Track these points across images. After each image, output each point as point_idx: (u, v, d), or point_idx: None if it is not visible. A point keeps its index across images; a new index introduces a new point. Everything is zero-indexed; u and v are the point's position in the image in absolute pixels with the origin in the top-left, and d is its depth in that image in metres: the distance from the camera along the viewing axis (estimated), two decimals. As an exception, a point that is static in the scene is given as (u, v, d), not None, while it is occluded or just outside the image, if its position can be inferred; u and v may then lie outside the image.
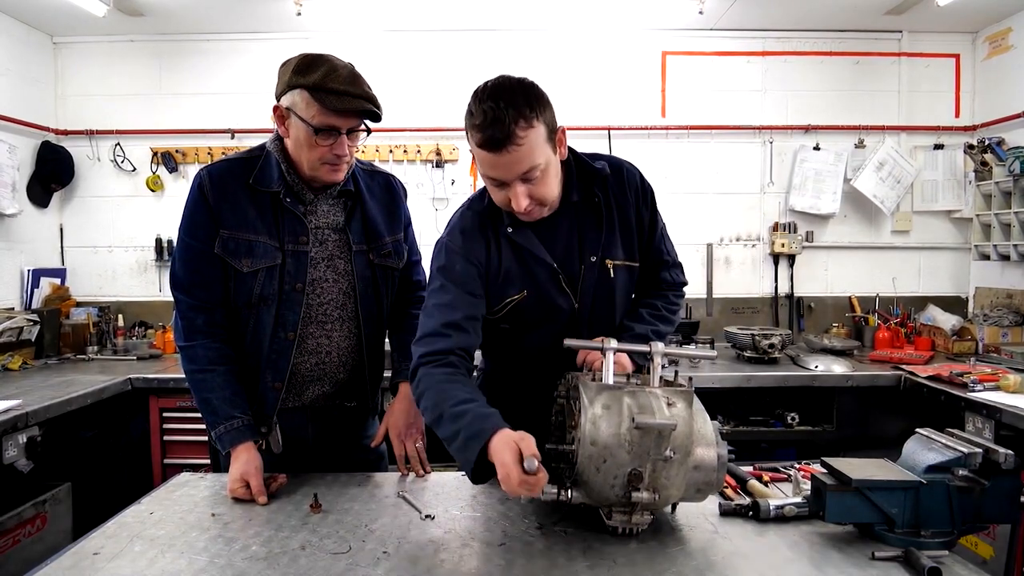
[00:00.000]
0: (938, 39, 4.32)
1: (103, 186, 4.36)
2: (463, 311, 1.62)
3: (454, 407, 1.42)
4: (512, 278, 1.68)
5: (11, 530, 2.56)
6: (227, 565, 1.32)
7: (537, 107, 1.49)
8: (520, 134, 1.46)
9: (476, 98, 1.50)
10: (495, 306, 1.70)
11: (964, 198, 4.30)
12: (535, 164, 1.51)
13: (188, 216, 1.80)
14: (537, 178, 1.53)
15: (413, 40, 4.29)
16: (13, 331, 3.61)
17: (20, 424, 2.61)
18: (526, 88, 1.51)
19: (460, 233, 1.69)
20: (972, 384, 2.94)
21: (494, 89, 1.49)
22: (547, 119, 1.52)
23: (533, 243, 1.66)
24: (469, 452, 1.35)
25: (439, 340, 1.58)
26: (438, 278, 1.67)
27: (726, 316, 4.38)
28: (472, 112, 1.50)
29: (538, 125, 1.49)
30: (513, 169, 1.50)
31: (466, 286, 1.64)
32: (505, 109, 1.45)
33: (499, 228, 1.68)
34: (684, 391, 1.41)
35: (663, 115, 4.34)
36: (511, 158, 1.48)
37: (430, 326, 1.61)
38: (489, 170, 1.53)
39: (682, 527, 1.48)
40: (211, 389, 1.76)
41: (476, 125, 1.48)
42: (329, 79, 1.65)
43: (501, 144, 1.46)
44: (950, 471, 1.37)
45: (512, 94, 1.47)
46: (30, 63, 4.14)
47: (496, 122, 1.45)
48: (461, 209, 1.76)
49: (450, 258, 1.67)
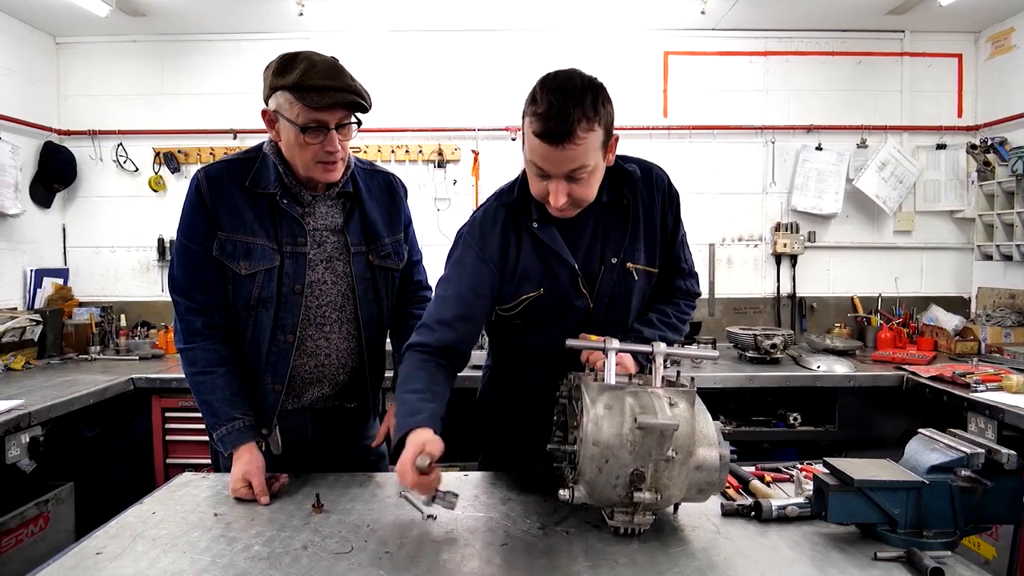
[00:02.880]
0: (940, 39, 4.32)
1: (105, 186, 4.37)
2: (459, 309, 1.64)
3: (404, 393, 1.54)
4: (530, 275, 1.67)
5: (14, 529, 2.57)
6: (229, 565, 1.32)
7: (602, 110, 1.47)
8: (581, 134, 1.44)
9: (544, 86, 1.47)
10: (509, 301, 1.69)
11: (967, 198, 4.30)
12: (585, 165, 1.49)
13: (185, 218, 1.79)
14: (582, 179, 1.51)
15: (415, 40, 4.29)
16: (16, 331, 3.62)
17: (23, 424, 2.62)
18: (595, 89, 1.48)
19: (480, 226, 1.69)
20: (975, 384, 2.94)
21: (565, 82, 1.46)
22: (607, 124, 1.50)
23: (557, 241, 1.65)
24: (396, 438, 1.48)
25: (429, 333, 1.64)
26: (449, 267, 1.70)
27: (728, 316, 4.38)
28: (536, 99, 1.46)
29: (598, 129, 1.47)
30: (563, 166, 1.48)
31: (472, 283, 1.65)
32: (572, 106, 1.42)
33: (523, 222, 1.67)
34: (686, 391, 1.40)
35: (665, 115, 4.34)
36: (565, 155, 1.46)
37: (428, 316, 1.67)
38: (539, 159, 1.50)
39: (684, 527, 1.47)
40: (211, 391, 1.76)
41: (538, 114, 1.44)
42: (308, 76, 1.62)
43: (560, 139, 1.43)
44: (953, 471, 1.37)
45: (581, 92, 1.44)
46: (33, 63, 4.15)
47: (560, 116, 1.42)
48: (488, 200, 1.75)
49: (464, 251, 1.68)
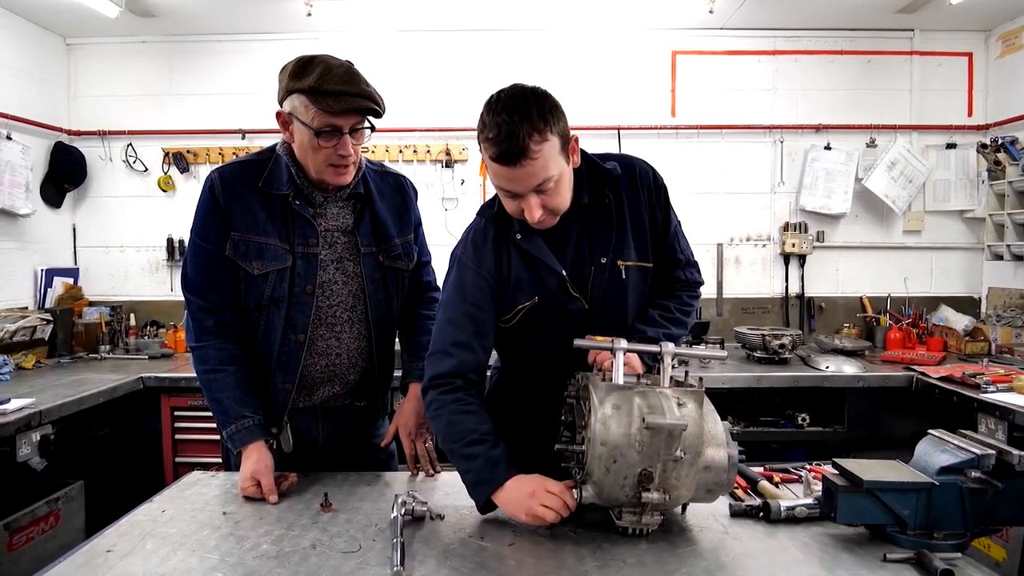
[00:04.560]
0: (950, 37, 4.29)
1: (115, 186, 4.40)
2: (470, 329, 1.63)
3: (465, 447, 1.53)
4: (522, 285, 1.67)
5: (25, 527, 2.59)
6: (238, 563, 1.32)
7: (551, 119, 1.46)
8: (534, 148, 1.43)
9: (489, 110, 1.47)
10: (506, 313, 1.69)
11: (977, 198, 4.27)
12: (549, 176, 1.48)
13: (199, 218, 1.81)
14: (551, 189, 1.51)
15: (423, 40, 4.29)
16: (27, 330, 3.64)
17: (34, 422, 2.64)
18: (540, 99, 1.47)
19: (472, 244, 1.69)
20: (985, 385, 2.92)
21: (508, 101, 1.46)
22: (561, 130, 1.49)
23: (542, 250, 1.64)
24: (478, 495, 1.52)
25: (445, 360, 1.62)
26: (448, 291, 1.69)
27: (736, 316, 4.37)
28: (485, 124, 1.47)
29: (552, 138, 1.46)
30: (527, 182, 1.48)
31: (474, 301, 1.64)
32: (519, 123, 1.42)
33: (509, 234, 1.67)
34: (694, 391, 1.40)
35: (673, 115, 4.33)
36: (525, 172, 1.46)
37: (438, 343, 1.65)
38: (503, 182, 1.51)
39: (692, 528, 1.47)
40: (222, 389, 1.77)
41: (490, 139, 1.45)
42: (324, 80, 1.63)
43: (515, 158, 1.44)
44: (963, 473, 1.36)
45: (526, 106, 1.44)
46: (43, 64, 4.18)
47: (510, 136, 1.42)
48: (475, 219, 1.74)
49: (462, 271, 1.67)
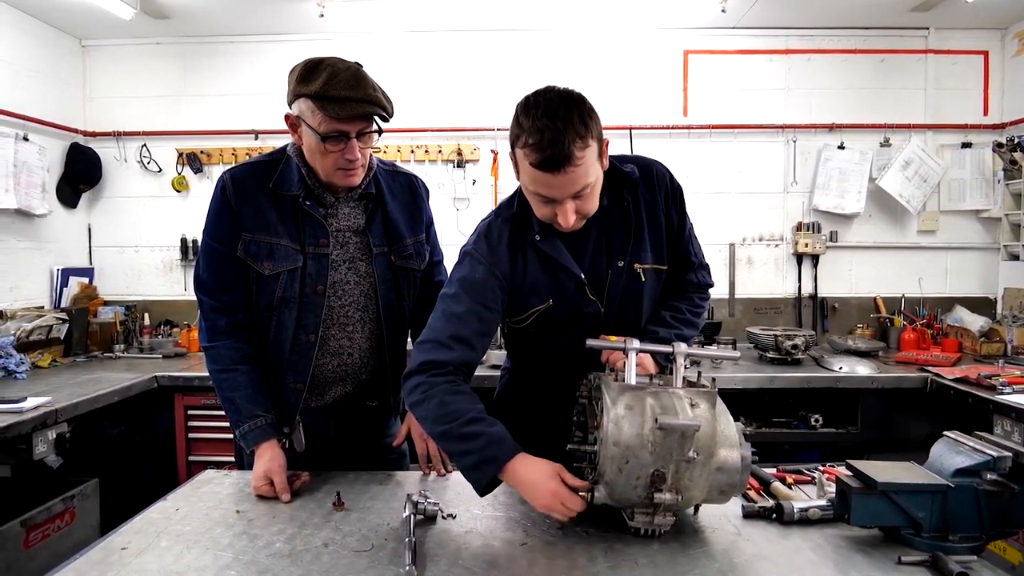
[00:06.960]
0: (966, 36, 4.25)
1: (130, 187, 4.43)
2: (473, 326, 1.58)
3: (463, 427, 1.45)
4: (538, 287, 1.64)
5: (40, 524, 2.61)
6: (251, 562, 1.33)
7: (591, 123, 1.43)
8: (578, 155, 1.40)
9: (528, 114, 1.43)
10: (520, 314, 1.68)
11: (992, 197, 4.22)
12: (588, 182, 1.46)
13: (211, 219, 1.82)
14: (587, 194, 1.49)
15: (434, 41, 4.30)
16: (43, 329, 3.68)
17: (50, 421, 2.67)
18: (579, 103, 1.44)
19: (486, 242, 1.64)
20: (1000, 387, 2.89)
21: (547, 105, 1.42)
22: (597, 134, 1.46)
23: (561, 253, 1.62)
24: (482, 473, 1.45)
25: (442, 350, 1.56)
26: (456, 285, 1.63)
27: (748, 316, 4.34)
28: (524, 127, 1.43)
29: (592, 143, 1.43)
30: (567, 189, 1.45)
31: (483, 300, 1.60)
32: (563, 129, 1.38)
33: (527, 236, 1.64)
34: (707, 392, 1.40)
35: (685, 114, 4.31)
36: (567, 179, 1.43)
37: (436, 332, 1.59)
38: (541, 188, 1.47)
39: (705, 529, 1.47)
40: (234, 388, 1.78)
41: (531, 144, 1.41)
42: (330, 86, 1.62)
43: (559, 165, 1.40)
44: (979, 475, 1.34)
45: (567, 112, 1.40)
46: (59, 66, 4.22)
47: (554, 143, 1.38)
48: (489, 217, 1.71)
49: (472, 268, 1.62)
